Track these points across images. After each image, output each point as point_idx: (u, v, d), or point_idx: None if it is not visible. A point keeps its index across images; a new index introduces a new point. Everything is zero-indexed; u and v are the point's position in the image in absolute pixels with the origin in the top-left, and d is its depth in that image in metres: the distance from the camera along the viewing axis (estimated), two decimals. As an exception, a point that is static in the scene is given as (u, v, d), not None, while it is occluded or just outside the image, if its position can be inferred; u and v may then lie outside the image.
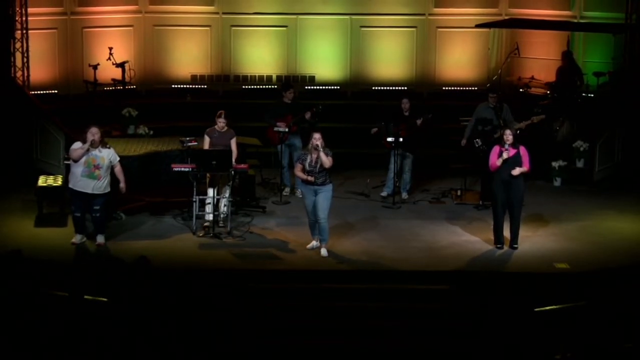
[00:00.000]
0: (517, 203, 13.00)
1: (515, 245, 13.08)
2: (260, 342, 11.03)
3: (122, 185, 13.02)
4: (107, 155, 12.88)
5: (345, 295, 11.99)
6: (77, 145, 12.87)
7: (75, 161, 12.81)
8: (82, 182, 12.78)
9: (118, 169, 13.00)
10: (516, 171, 12.81)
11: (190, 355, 10.60)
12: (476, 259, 12.78)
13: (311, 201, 12.71)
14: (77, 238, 13.01)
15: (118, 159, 13.02)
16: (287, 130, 15.11)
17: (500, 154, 12.89)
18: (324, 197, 12.66)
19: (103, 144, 12.90)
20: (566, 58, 17.92)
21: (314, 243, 12.92)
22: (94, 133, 12.79)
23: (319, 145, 12.51)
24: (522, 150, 12.98)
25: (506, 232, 13.18)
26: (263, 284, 12.10)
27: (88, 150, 12.75)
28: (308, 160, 12.64)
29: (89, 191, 12.77)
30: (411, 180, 15.40)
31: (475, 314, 11.55)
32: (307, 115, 15.19)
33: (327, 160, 12.52)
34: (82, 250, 12.86)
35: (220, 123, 13.81)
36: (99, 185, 12.81)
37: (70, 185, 12.93)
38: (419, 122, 14.99)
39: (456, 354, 10.93)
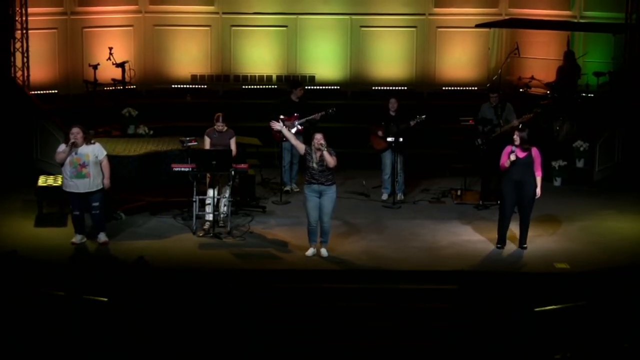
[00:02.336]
0: (527, 204, 12.93)
1: (525, 246, 13.05)
2: (260, 342, 11.03)
3: (105, 181, 12.89)
4: (92, 152, 12.81)
5: (345, 295, 11.99)
6: (61, 148, 12.89)
7: (61, 164, 12.84)
8: (72, 183, 12.79)
9: (104, 164, 12.90)
10: (538, 193, 12.83)
11: (191, 355, 10.60)
12: (476, 259, 12.78)
13: (315, 203, 12.63)
14: (77, 238, 13.01)
15: (105, 153, 12.93)
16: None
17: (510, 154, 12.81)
18: (329, 199, 12.63)
19: (87, 141, 12.84)
20: (567, 58, 17.92)
21: (312, 250, 12.82)
22: (74, 134, 12.74)
23: (322, 146, 12.48)
24: (535, 152, 12.86)
25: (512, 232, 13.16)
26: (263, 284, 12.10)
27: (71, 150, 12.74)
28: (313, 160, 12.59)
29: (82, 191, 12.78)
30: (404, 180, 15.40)
31: (475, 313, 11.55)
32: (318, 117, 15.19)
33: (331, 160, 12.48)
34: (82, 250, 12.85)
35: (219, 126, 13.81)
36: (90, 183, 12.78)
37: (64, 188, 12.94)
38: (412, 123, 14.96)
39: (456, 354, 10.94)
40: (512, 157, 12.74)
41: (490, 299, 11.75)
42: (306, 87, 16.93)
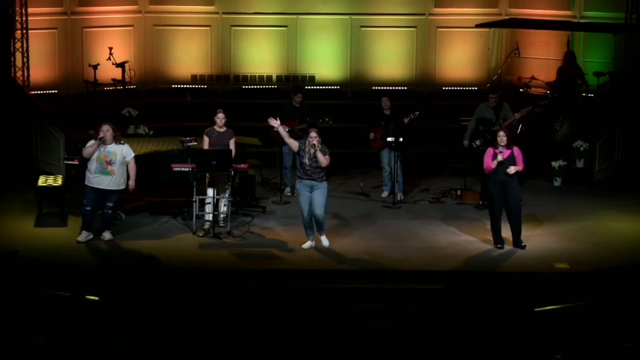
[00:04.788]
0: (514, 203, 12.99)
1: (523, 244, 13.06)
2: (260, 342, 11.03)
3: (131, 182, 13.06)
4: (120, 151, 12.97)
5: (345, 295, 11.99)
6: (90, 142, 13.02)
7: (87, 159, 12.91)
8: (97, 179, 12.87)
9: (131, 166, 13.07)
10: (511, 169, 12.80)
11: (190, 354, 10.60)
12: (476, 259, 12.78)
13: (307, 197, 12.72)
14: (83, 236, 13.02)
15: (133, 155, 13.11)
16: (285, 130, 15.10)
17: (494, 157, 12.89)
18: (320, 193, 12.69)
19: (117, 140, 12.99)
20: (568, 58, 17.90)
21: (309, 243, 12.92)
22: (104, 130, 12.89)
23: (316, 145, 12.54)
24: (516, 150, 12.98)
25: (506, 233, 13.18)
26: (263, 284, 12.10)
27: (99, 146, 12.85)
28: (306, 157, 12.67)
29: (104, 187, 12.88)
30: (404, 180, 15.41)
31: (475, 313, 11.55)
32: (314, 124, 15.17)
33: (323, 159, 12.54)
34: (82, 250, 12.85)
35: (219, 120, 13.77)
36: (113, 181, 12.90)
37: (86, 182, 12.99)
38: (406, 120, 15.00)
39: (456, 354, 10.93)
40: (500, 158, 12.82)
41: (490, 299, 11.75)
42: (306, 87, 16.99)
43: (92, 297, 10.85)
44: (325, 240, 12.84)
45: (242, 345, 10.96)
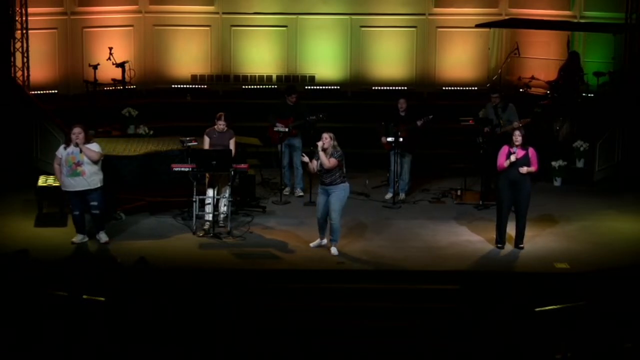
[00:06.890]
0: (523, 203, 12.97)
1: (521, 245, 13.07)
2: (260, 342, 11.03)
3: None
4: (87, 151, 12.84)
5: (345, 295, 11.99)
6: (59, 152, 12.90)
7: (59, 165, 12.88)
8: (68, 182, 12.83)
9: (95, 152, 12.80)
10: (524, 169, 12.78)
11: (190, 355, 10.60)
12: (476, 259, 12.78)
13: (322, 199, 12.73)
14: (77, 238, 13.02)
15: (98, 150, 12.85)
16: (286, 130, 15.13)
17: (508, 155, 12.85)
18: (336, 198, 12.69)
19: (87, 140, 12.84)
20: (571, 59, 17.87)
21: (317, 242, 12.93)
22: (76, 134, 12.76)
23: (319, 146, 12.54)
24: (531, 151, 12.92)
25: (508, 232, 13.18)
26: (263, 284, 12.10)
27: (66, 148, 12.79)
28: (318, 161, 12.68)
29: (80, 189, 12.80)
30: (410, 180, 15.40)
31: (475, 313, 11.54)
32: (311, 120, 15.15)
33: (326, 161, 12.54)
34: (82, 250, 12.85)
35: (220, 125, 13.81)
36: (86, 181, 12.79)
37: (62, 188, 12.97)
38: (419, 123, 15.01)
39: (456, 354, 10.94)
40: (513, 158, 12.78)
41: (491, 299, 11.75)
42: (306, 87, 16.98)
43: (96, 298, 10.83)
44: (334, 250, 12.81)
45: (242, 345, 10.97)
